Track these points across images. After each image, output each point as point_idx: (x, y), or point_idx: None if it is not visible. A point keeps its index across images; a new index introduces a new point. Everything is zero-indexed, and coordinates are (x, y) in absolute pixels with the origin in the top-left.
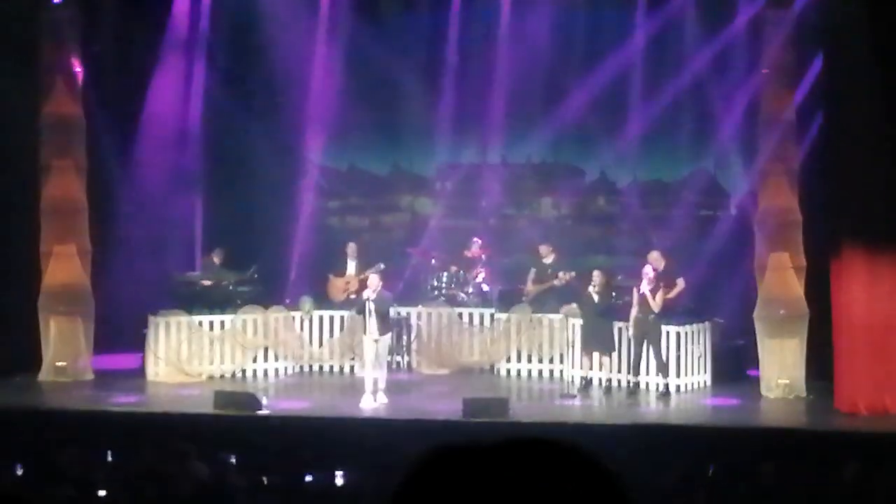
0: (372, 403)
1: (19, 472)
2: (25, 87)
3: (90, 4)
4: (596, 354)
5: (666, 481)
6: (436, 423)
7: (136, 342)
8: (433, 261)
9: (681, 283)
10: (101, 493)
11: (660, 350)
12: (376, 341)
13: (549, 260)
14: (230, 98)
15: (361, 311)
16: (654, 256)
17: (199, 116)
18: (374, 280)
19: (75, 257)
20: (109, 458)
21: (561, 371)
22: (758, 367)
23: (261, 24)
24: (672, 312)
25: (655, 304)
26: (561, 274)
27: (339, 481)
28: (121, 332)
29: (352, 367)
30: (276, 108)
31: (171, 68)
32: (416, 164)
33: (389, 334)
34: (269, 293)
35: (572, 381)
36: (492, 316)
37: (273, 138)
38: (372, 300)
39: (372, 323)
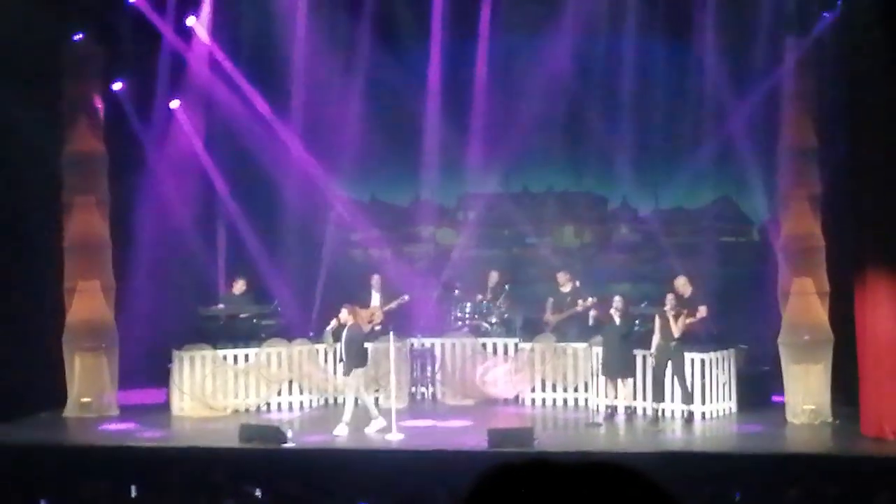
0: (344, 431)
1: None
2: (48, 124)
3: (111, 39)
4: (620, 382)
5: None
6: (461, 455)
7: (161, 377)
8: (456, 291)
9: (702, 311)
10: None
11: (684, 377)
12: (346, 375)
13: (566, 288)
14: (251, 130)
15: (336, 341)
16: (681, 282)
17: (221, 149)
18: (344, 314)
19: (99, 293)
20: (135, 494)
21: (586, 400)
22: (783, 393)
23: (282, 56)
24: (695, 339)
25: (676, 328)
26: (581, 301)
27: None
28: (145, 367)
29: (377, 400)
30: (297, 140)
31: (191, 101)
32: (437, 194)
33: (363, 369)
34: (293, 326)
35: (597, 409)
36: (516, 346)
37: (295, 171)
38: (344, 334)
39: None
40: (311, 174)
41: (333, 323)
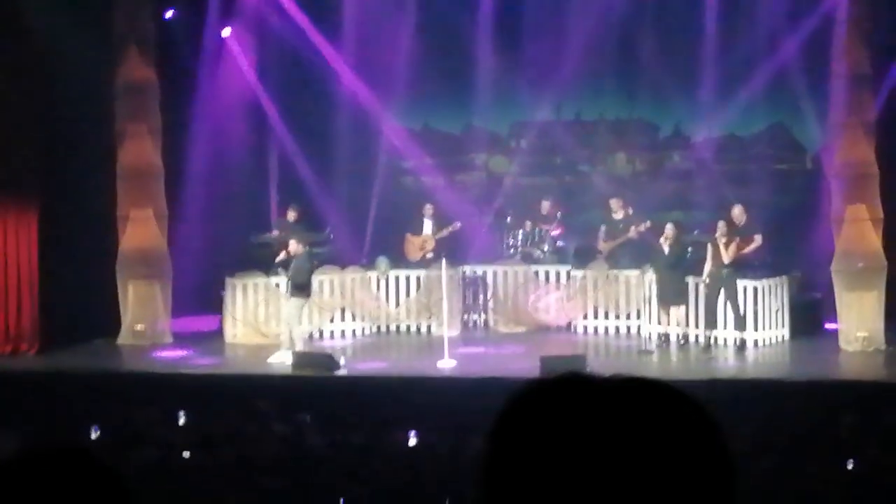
0: (279, 359)
1: (95, 434)
2: (100, 53)
3: None
4: (673, 309)
5: (745, 435)
6: (513, 382)
7: (214, 304)
8: (508, 219)
9: (758, 240)
10: (185, 454)
11: (737, 304)
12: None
13: (619, 215)
14: (303, 58)
15: (285, 270)
16: (737, 212)
17: (273, 78)
18: (293, 246)
19: (152, 221)
20: (189, 420)
21: (638, 327)
22: (836, 321)
23: None
24: (749, 266)
25: (727, 255)
26: (633, 227)
27: (416, 440)
28: (198, 294)
29: (429, 327)
30: (349, 68)
31: (243, 28)
32: (490, 122)
33: (303, 301)
34: (346, 253)
35: (649, 337)
36: (568, 273)
37: (347, 98)
38: (291, 265)
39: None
40: (364, 102)
41: (282, 255)
